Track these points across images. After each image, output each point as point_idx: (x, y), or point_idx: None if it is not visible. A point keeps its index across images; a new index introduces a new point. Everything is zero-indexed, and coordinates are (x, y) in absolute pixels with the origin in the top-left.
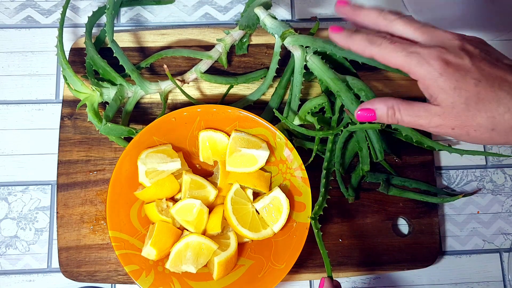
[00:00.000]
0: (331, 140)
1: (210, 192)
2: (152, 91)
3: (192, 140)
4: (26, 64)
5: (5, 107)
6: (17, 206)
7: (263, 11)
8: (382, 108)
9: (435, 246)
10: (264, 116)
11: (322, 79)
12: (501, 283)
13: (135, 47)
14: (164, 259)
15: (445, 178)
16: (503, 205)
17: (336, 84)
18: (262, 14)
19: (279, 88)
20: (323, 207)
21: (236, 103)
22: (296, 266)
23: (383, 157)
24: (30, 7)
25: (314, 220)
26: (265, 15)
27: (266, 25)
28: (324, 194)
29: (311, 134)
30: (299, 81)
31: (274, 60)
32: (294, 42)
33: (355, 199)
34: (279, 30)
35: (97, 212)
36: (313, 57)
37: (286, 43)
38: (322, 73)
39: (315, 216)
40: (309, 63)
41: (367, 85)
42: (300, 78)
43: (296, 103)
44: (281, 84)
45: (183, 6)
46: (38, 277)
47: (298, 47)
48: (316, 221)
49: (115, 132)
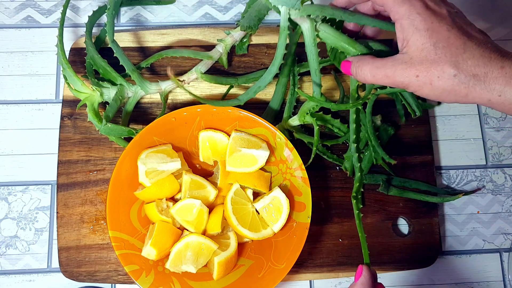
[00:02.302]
0: (354, 111)
1: (210, 192)
2: (152, 91)
3: (192, 140)
4: (26, 64)
5: (5, 107)
6: (17, 206)
7: None
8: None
9: (435, 246)
10: (265, 117)
11: (338, 46)
12: (501, 283)
13: (135, 47)
14: (164, 259)
15: (445, 178)
16: (503, 205)
17: (356, 47)
18: None
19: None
20: (362, 184)
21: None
22: (296, 266)
23: (421, 111)
24: (30, 7)
25: (356, 200)
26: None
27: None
28: (360, 169)
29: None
30: (314, 53)
31: (283, 36)
32: (302, 12)
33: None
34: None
35: (97, 212)
36: (323, 25)
37: (293, 16)
38: (337, 40)
39: (357, 195)
40: (321, 32)
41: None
42: (315, 50)
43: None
44: (280, 89)
45: (183, 6)
46: (38, 277)
47: (307, 18)
48: (358, 201)
49: (115, 132)
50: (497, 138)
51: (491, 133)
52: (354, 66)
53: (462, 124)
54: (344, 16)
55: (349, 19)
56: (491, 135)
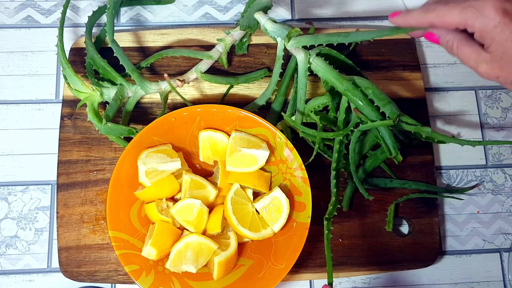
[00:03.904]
0: (338, 141)
1: (210, 192)
2: (152, 91)
3: (192, 140)
4: (26, 64)
5: (5, 107)
6: (17, 206)
7: (263, 16)
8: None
9: (435, 246)
10: (269, 119)
11: (327, 80)
12: (501, 283)
13: (135, 47)
14: (164, 259)
15: (445, 177)
16: (503, 205)
17: (343, 83)
18: (263, 19)
19: (279, 95)
20: (336, 207)
21: (245, 108)
22: (296, 266)
23: (397, 152)
24: (30, 7)
25: (328, 221)
26: (265, 20)
27: (267, 29)
28: (336, 194)
29: (321, 135)
30: (304, 84)
31: (278, 65)
32: (296, 44)
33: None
34: (282, 33)
35: (97, 212)
36: (316, 58)
37: (289, 46)
38: (327, 73)
39: (329, 217)
40: (313, 65)
41: (373, 83)
42: (305, 81)
43: (302, 106)
44: (281, 91)
45: (183, 6)
46: (38, 277)
47: (301, 49)
48: (329, 222)
49: (115, 132)
50: (497, 138)
51: (491, 133)
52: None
53: (462, 124)
54: (339, 38)
55: (345, 40)
56: (491, 135)
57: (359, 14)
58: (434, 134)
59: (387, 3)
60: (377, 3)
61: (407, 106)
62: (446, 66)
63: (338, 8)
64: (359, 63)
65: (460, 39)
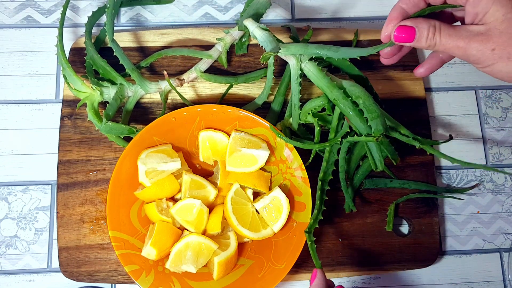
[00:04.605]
0: (328, 150)
1: (210, 192)
2: (152, 91)
3: (192, 140)
4: (26, 64)
5: (5, 107)
6: (17, 206)
7: (252, 23)
8: (423, 27)
9: (435, 246)
10: (268, 119)
11: (318, 87)
12: (501, 283)
13: (135, 46)
14: (164, 259)
15: (445, 178)
16: (503, 205)
17: (333, 92)
18: (251, 26)
19: (279, 95)
20: (318, 220)
21: (245, 107)
22: (296, 266)
23: (383, 166)
24: (30, 7)
25: (309, 233)
26: (254, 27)
27: (256, 37)
28: (319, 207)
29: (306, 147)
30: (296, 91)
31: (269, 71)
32: (285, 52)
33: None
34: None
35: (97, 212)
36: (308, 64)
37: (280, 54)
38: (318, 80)
39: (310, 230)
40: (305, 70)
41: (365, 91)
42: (297, 87)
43: (297, 112)
44: (280, 91)
45: (183, 6)
46: (38, 277)
47: (292, 56)
48: (310, 235)
49: (116, 131)
50: (497, 138)
51: (491, 133)
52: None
53: (462, 124)
54: (329, 52)
55: (335, 55)
56: (491, 135)
57: (359, 14)
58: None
59: (387, 4)
60: (377, 3)
61: (407, 106)
62: (446, 66)
63: (338, 8)
64: (359, 63)
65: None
